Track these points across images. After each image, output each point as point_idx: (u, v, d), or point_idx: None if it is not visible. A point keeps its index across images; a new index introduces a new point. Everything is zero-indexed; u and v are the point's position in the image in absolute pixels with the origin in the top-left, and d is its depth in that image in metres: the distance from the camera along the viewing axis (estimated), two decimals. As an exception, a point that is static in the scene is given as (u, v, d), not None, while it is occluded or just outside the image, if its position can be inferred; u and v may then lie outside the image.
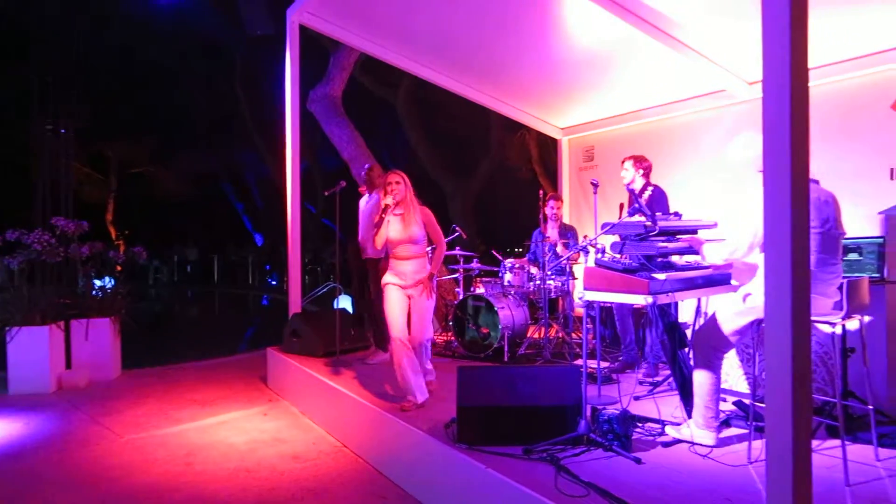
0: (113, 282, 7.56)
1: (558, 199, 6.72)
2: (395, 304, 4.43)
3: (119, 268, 7.80)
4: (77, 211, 9.81)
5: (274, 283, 24.06)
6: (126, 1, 19.34)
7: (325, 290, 14.28)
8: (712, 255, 3.62)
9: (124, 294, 7.41)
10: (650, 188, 5.25)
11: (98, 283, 7.42)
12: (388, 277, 4.49)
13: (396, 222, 4.40)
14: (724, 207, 6.07)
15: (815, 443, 3.38)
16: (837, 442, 3.13)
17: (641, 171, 5.30)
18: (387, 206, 4.31)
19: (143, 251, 7.90)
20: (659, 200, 5.21)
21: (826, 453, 3.27)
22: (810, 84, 2.28)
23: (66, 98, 10.24)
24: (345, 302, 9.99)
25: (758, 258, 3.37)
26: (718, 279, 3.89)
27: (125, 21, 19.80)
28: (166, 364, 8.03)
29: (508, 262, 6.37)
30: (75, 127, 10.36)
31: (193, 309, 18.37)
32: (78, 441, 4.98)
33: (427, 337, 4.44)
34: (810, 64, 2.30)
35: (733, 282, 3.90)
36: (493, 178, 16.44)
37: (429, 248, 4.66)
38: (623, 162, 5.37)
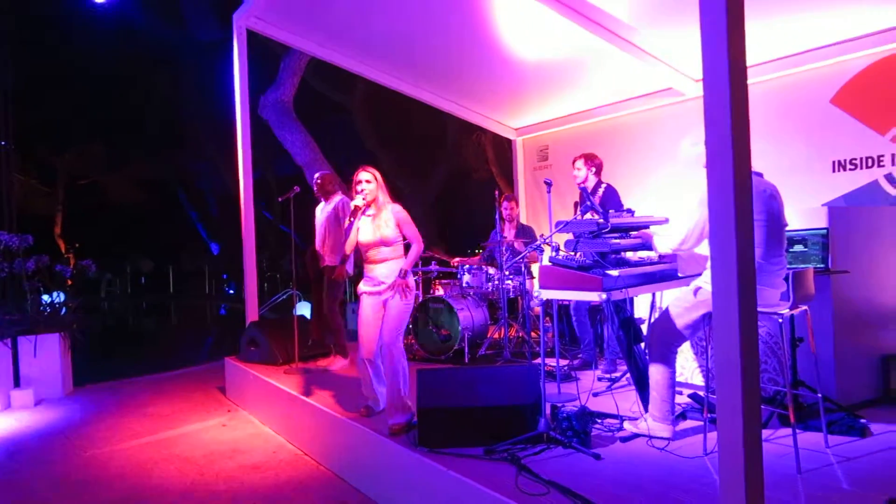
0: (63, 296, 7.35)
1: (511, 199, 6.76)
2: (367, 318, 4.12)
3: (69, 281, 7.59)
4: (22, 225, 9.51)
5: (231, 291, 23.70)
6: (65, 4, 18.81)
7: (283, 297, 14.13)
8: (662, 245, 3.67)
9: (74, 308, 7.22)
10: (602, 186, 5.31)
11: (47, 298, 7.21)
12: (361, 285, 4.20)
13: (367, 223, 4.09)
14: (676, 202, 6.16)
15: (767, 432, 3.45)
16: (789, 431, 3.19)
17: (594, 170, 5.37)
18: (356, 208, 4.02)
19: (92, 264, 7.71)
20: (611, 198, 5.27)
21: (778, 442, 3.33)
22: (751, 81, 2.33)
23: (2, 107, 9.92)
24: (303, 309, 9.96)
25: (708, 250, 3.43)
26: (672, 274, 3.96)
27: (68, 27, 19.28)
28: (121, 378, 7.86)
29: (455, 260, 6.40)
30: (13, 138, 10.02)
31: (148, 321, 18.00)
32: (38, 459, 4.85)
33: (388, 340, 3.98)
34: (750, 61, 2.36)
35: (680, 274, 3.96)
36: (450, 180, 16.46)
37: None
38: (574, 161, 5.43)
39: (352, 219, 4.04)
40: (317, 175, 6.28)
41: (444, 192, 16.60)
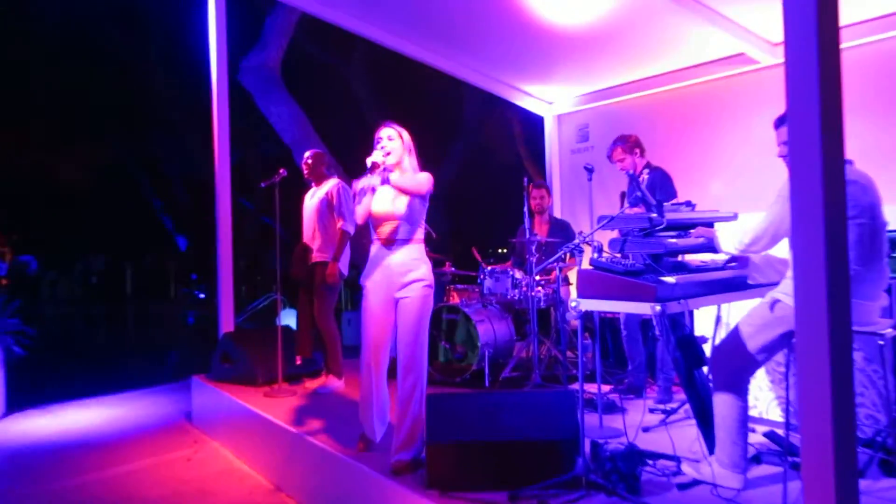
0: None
1: (541, 187, 6.76)
2: (373, 317, 4.03)
3: (3, 281, 7.64)
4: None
5: (201, 296, 23.82)
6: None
7: (264, 303, 14.17)
8: (727, 243, 3.63)
9: (9, 314, 7.24)
10: (647, 170, 5.32)
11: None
12: (366, 276, 4.09)
13: (387, 191, 3.98)
14: (748, 196, 6.07)
15: (865, 483, 3.36)
16: (894, 482, 3.11)
17: (638, 151, 5.41)
18: (374, 164, 3.90)
19: (33, 260, 7.78)
20: (662, 185, 5.24)
21: (880, 495, 3.25)
22: (844, 45, 2.29)
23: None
24: (289, 317, 9.95)
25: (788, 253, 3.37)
26: (743, 282, 3.91)
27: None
28: (65, 400, 7.88)
29: (489, 266, 6.37)
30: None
31: (100, 330, 18.12)
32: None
33: (409, 353, 3.90)
34: (844, 20, 2.32)
35: (751, 281, 3.91)
36: (468, 164, 16.44)
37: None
38: (611, 155, 5.51)
39: (369, 176, 3.91)
40: (307, 154, 6.31)
41: (459, 179, 16.55)
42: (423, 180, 3.96)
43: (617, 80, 7.60)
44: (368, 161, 3.89)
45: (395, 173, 3.96)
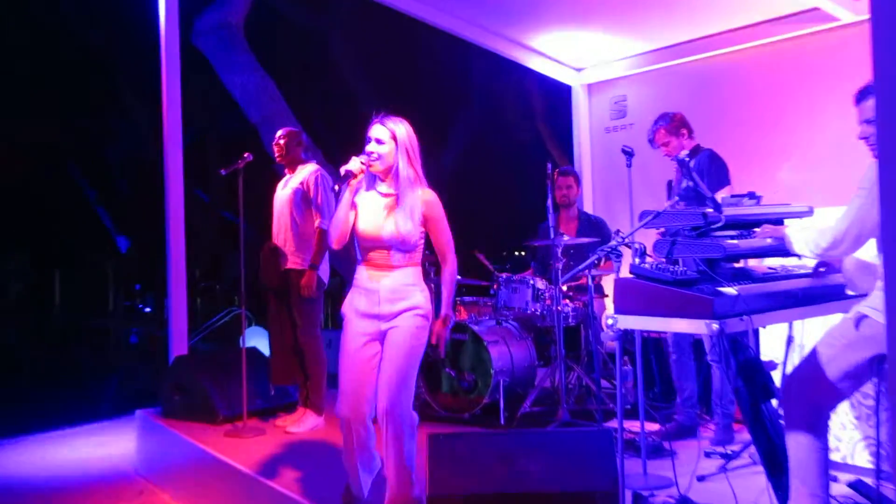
0: None
1: (568, 175, 6.73)
2: (356, 354, 4.01)
3: None
4: None
5: (148, 310, 23.71)
6: None
7: (225, 319, 14.01)
8: (799, 242, 3.59)
9: None
10: (686, 153, 5.15)
11: None
12: (349, 303, 4.10)
13: (376, 205, 4.01)
14: (828, 187, 5.94)
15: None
16: None
17: (685, 132, 5.42)
18: (348, 173, 3.89)
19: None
20: (710, 170, 5.25)
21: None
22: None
23: None
24: (257, 337, 9.83)
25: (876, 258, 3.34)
26: (822, 293, 3.85)
27: None
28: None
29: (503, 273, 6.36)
30: None
31: (22, 352, 18.03)
32: None
33: (392, 398, 3.86)
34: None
35: (849, 292, 3.87)
36: (477, 147, 16.33)
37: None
38: (653, 139, 5.50)
39: (339, 187, 3.91)
40: (279, 133, 6.28)
41: (465, 167, 16.42)
42: (453, 277, 4.13)
43: (662, 41, 7.52)
44: (343, 169, 3.88)
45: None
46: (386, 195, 3.99)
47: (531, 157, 13.29)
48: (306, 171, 6.06)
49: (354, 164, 3.89)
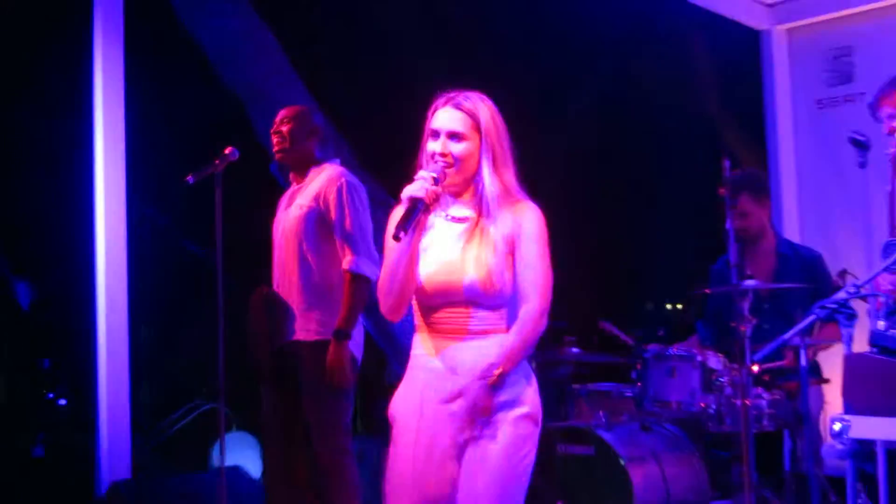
0: None
1: (743, 188, 5.42)
2: (413, 481, 3.20)
3: None
4: None
5: (62, 402, 21.27)
6: None
7: (189, 418, 11.96)
8: None
9: None
10: None
11: None
12: (402, 397, 3.27)
13: (444, 237, 3.21)
14: None
15: None
16: None
17: None
18: (415, 202, 3.00)
19: None
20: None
21: None
22: None
23: None
24: (241, 449, 8.78)
25: None
26: None
27: None
28: None
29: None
30: None
31: None
32: None
33: None
34: None
35: None
36: (604, 135, 13.41)
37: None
38: (877, 104, 4.61)
39: (400, 233, 2.97)
40: (281, 114, 5.01)
41: (586, 165, 13.38)
42: (534, 327, 3.13)
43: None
44: (407, 191, 2.99)
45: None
46: (460, 220, 3.18)
47: (694, 151, 10.38)
48: (323, 178, 4.77)
49: (420, 185, 2.99)
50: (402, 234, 2.91)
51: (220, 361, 4.89)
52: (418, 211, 2.92)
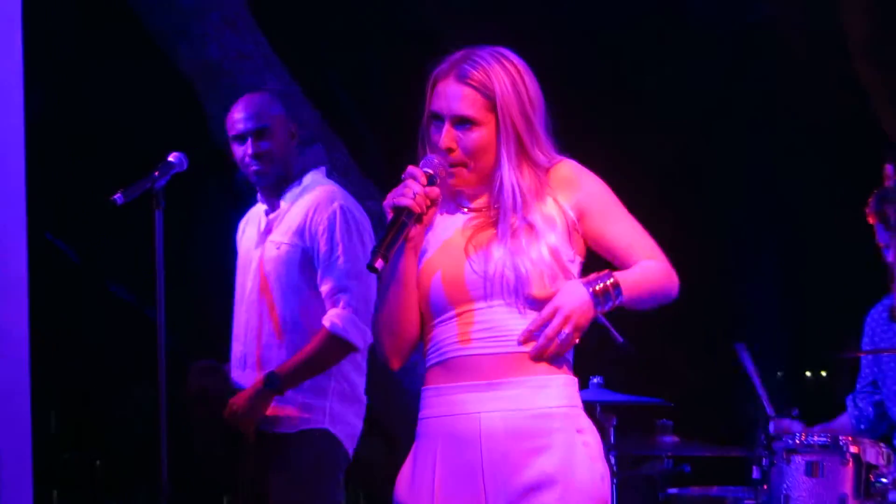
0: None
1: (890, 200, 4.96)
2: None
3: None
4: None
5: None
6: None
7: None
8: None
9: None
10: None
11: None
12: (410, 474, 2.41)
13: (460, 227, 2.42)
14: None
15: None
16: None
17: None
18: (401, 210, 2.26)
19: None
20: None
21: None
22: None
23: None
24: None
25: None
26: None
27: None
28: None
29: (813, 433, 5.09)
30: None
31: None
32: None
33: None
34: None
35: None
36: (707, 132, 11.55)
37: None
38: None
39: (380, 259, 2.25)
40: (246, 112, 4.04)
41: (685, 176, 11.27)
42: (659, 268, 2.32)
43: None
44: (390, 198, 2.35)
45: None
46: (474, 211, 2.44)
47: (832, 148, 8.36)
48: (308, 203, 3.92)
49: (407, 189, 2.27)
50: (379, 263, 2.24)
51: (164, 453, 3.71)
52: (405, 225, 2.30)
